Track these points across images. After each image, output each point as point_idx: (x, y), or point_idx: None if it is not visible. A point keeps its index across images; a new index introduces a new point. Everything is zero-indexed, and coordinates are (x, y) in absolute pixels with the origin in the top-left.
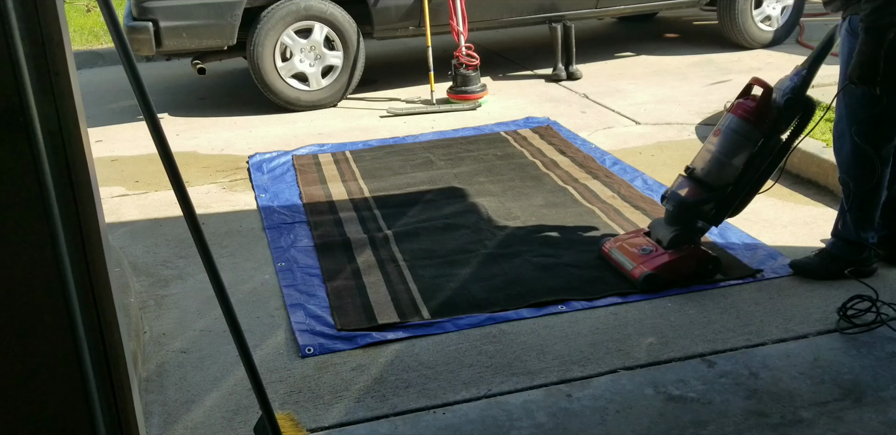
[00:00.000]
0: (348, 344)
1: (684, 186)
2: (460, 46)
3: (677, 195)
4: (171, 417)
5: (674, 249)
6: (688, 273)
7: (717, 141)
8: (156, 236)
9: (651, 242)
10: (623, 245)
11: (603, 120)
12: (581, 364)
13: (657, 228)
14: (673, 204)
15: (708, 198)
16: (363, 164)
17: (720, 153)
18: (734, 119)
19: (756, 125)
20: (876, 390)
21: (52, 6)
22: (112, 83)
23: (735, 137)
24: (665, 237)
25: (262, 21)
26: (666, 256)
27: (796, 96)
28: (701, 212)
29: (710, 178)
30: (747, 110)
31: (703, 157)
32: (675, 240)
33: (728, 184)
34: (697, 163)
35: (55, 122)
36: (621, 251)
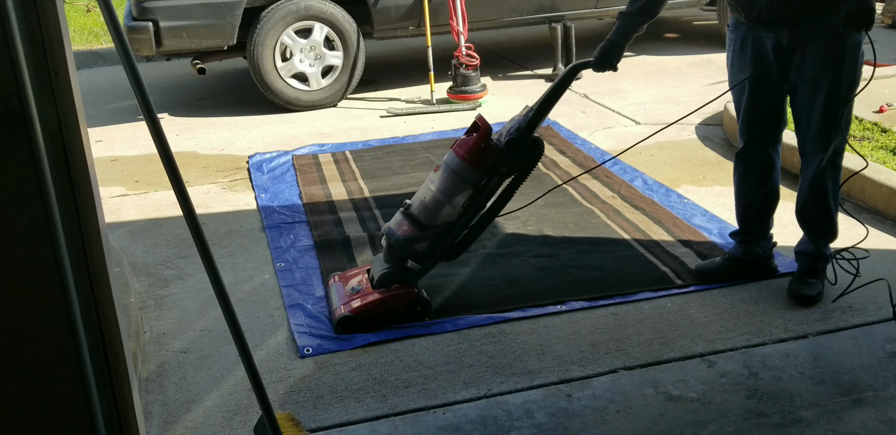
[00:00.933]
0: (347, 344)
1: (401, 223)
2: (460, 46)
3: (392, 231)
4: (171, 417)
5: (382, 288)
6: (393, 313)
7: (437, 178)
8: (156, 236)
9: (366, 279)
10: (344, 280)
11: (603, 120)
12: (581, 364)
13: (375, 265)
14: (387, 241)
15: (421, 237)
16: (363, 164)
17: (439, 192)
18: (454, 158)
19: (474, 166)
20: (876, 390)
21: (52, 6)
22: (112, 83)
23: (453, 177)
24: (375, 274)
25: (262, 21)
26: (370, 296)
27: (520, 138)
28: (413, 251)
29: (423, 216)
30: (466, 149)
31: (422, 194)
32: (384, 279)
33: (445, 223)
34: (416, 198)
35: (55, 122)
36: (339, 287)
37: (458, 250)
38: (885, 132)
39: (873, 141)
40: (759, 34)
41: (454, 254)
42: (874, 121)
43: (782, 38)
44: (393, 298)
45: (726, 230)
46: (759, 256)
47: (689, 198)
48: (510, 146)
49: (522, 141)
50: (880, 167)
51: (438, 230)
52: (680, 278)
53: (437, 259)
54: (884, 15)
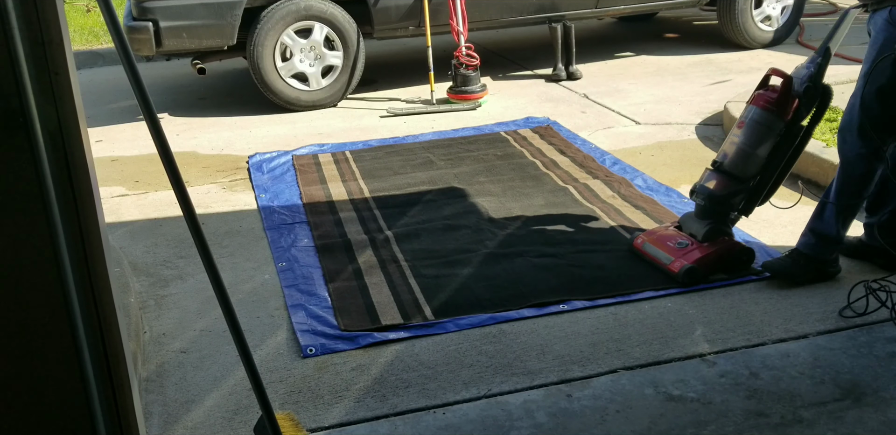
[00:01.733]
0: (350, 344)
1: (712, 179)
2: (460, 46)
3: (706, 189)
4: (171, 417)
5: (709, 242)
6: (725, 265)
7: (742, 132)
8: (156, 236)
9: (685, 235)
10: (657, 239)
11: (603, 120)
12: (581, 364)
13: (689, 223)
14: (703, 197)
15: (737, 189)
16: (363, 164)
17: (745, 144)
18: (756, 110)
19: (779, 114)
20: (876, 390)
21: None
22: (112, 83)
23: (759, 128)
24: (699, 231)
25: (262, 21)
26: (703, 249)
27: (814, 84)
28: (731, 204)
29: (737, 169)
30: (769, 101)
31: (729, 150)
32: (710, 233)
33: (755, 174)
34: (722, 156)
35: (55, 122)
36: (656, 245)
37: (768, 196)
38: None
39: None
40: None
41: (765, 199)
42: None
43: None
44: (726, 250)
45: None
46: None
47: (689, 198)
48: (809, 93)
49: (816, 87)
50: None
51: (756, 181)
52: None
53: (755, 207)
54: None
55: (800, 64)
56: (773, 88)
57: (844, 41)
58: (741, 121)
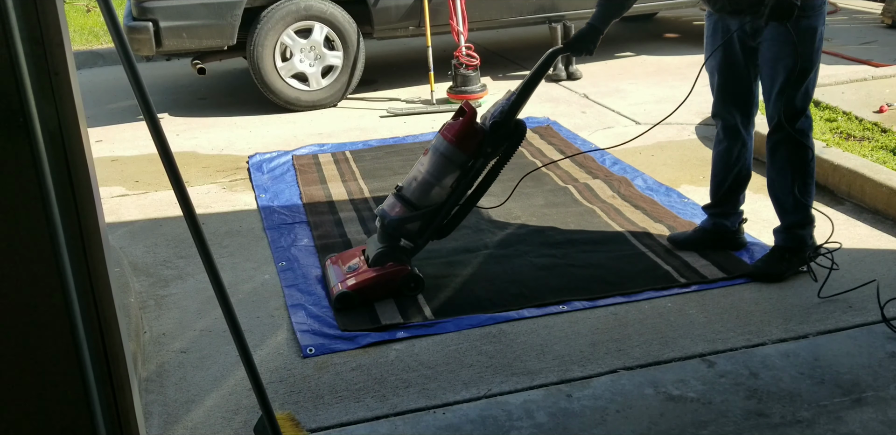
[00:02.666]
0: (349, 344)
1: (394, 205)
2: (460, 46)
3: (385, 213)
4: (171, 417)
5: (377, 266)
6: (388, 289)
7: (426, 161)
8: (156, 236)
9: (362, 259)
10: (340, 260)
11: (603, 120)
12: (581, 364)
13: (369, 245)
14: (380, 221)
15: (413, 217)
16: (363, 165)
17: (428, 174)
18: (441, 141)
19: (461, 148)
20: (876, 390)
21: (52, 6)
22: (112, 83)
23: (441, 159)
24: (371, 254)
25: (262, 21)
26: (366, 273)
27: (504, 120)
28: (406, 230)
29: (415, 197)
30: (453, 132)
31: (413, 177)
32: (378, 257)
33: (435, 204)
34: (407, 181)
35: (55, 122)
36: (336, 266)
37: (447, 229)
38: (885, 132)
39: (873, 141)
40: (726, 22)
41: (444, 232)
42: (874, 121)
43: (745, 24)
44: (388, 275)
45: None
46: (727, 229)
47: (689, 198)
48: (495, 128)
49: (506, 123)
50: (880, 167)
51: (429, 210)
52: (683, 277)
53: (429, 237)
54: (884, 15)
55: (499, 99)
56: (462, 121)
57: (844, 41)
58: (426, 149)
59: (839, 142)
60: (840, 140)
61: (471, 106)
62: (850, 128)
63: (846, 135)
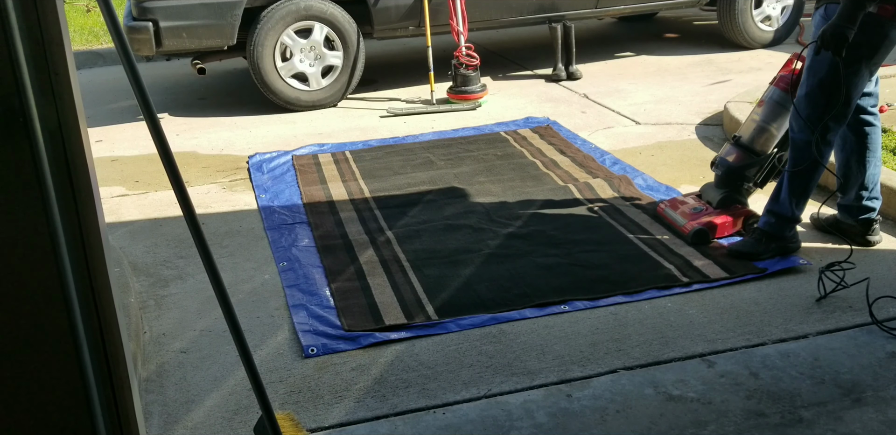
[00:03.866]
0: (351, 344)
1: (731, 153)
2: (460, 46)
3: (725, 161)
4: (171, 418)
5: (722, 208)
6: (735, 230)
7: (762, 111)
8: (156, 236)
9: (702, 202)
10: (676, 205)
11: (603, 120)
12: (581, 364)
13: (708, 191)
14: (721, 169)
15: (753, 162)
16: (363, 165)
17: (764, 121)
18: (776, 91)
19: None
20: (876, 390)
21: (52, 6)
22: (112, 83)
23: (777, 108)
24: (714, 198)
25: (262, 21)
26: (715, 214)
27: None
28: (746, 175)
29: (755, 144)
30: (788, 82)
31: (749, 126)
32: (724, 201)
33: (771, 149)
34: (743, 131)
35: (55, 122)
36: (674, 210)
37: (780, 171)
38: (885, 132)
39: None
40: None
41: (778, 175)
42: None
43: None
44: (736, 215)
45: None
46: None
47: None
48: None
49: None
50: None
51: (767, 155)
52: (685, 276)
53: (768, 180)
54: None
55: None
56: (795, 71)
57: None
58: (762, 100)
59: None
60: None
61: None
62: None
63: None
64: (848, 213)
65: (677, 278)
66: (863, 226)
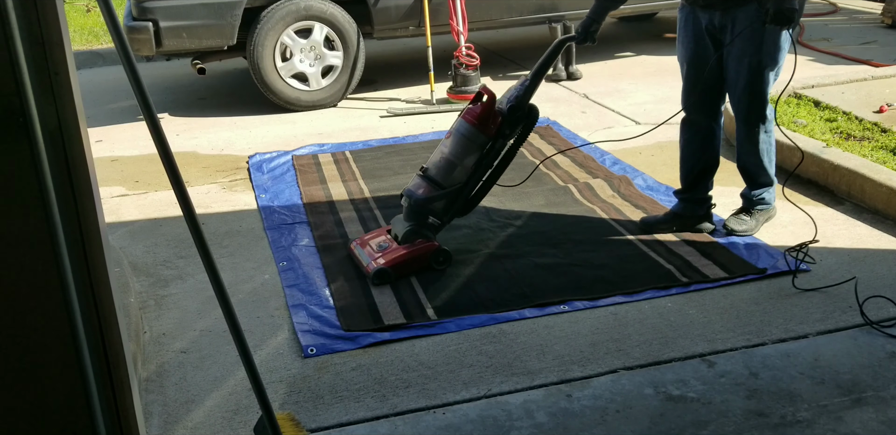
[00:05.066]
0: (351, 344)
1: (420, 185)
2: (460, 46)
3: (412, 193)
4: (171, 418)
5: (407, 243)
6: (420, 265)
7: (449, 143)
8: (156, 236)
9: (389, 238)
10: (365, 242)
11: (603, 120)
12: (581, 364)
13: (396, 225)
14: (408, 201)
15: (439, 195)
16: (363, 165)
17: (451, 155)
18: (463, 123)
19: (482, 130)
20: (876, 390)
21: (52, 6)
22: (112, 83)
23: (463, 141)
24: (400, 232)
25: (262, 21)
26: (399, 250)
27: (519, 104)
28: (432, 208)
29: (440, 177)
30: (474, 115)
31: (436, 158)
32: (408, 235)
33: (459, 183)
34: (430, 163)
35: (55, 122)
36: (363, 248)
37: (470, 206)
38: (885, 132)
39: (873, 141)
40: (698, 15)
41: (467, 209)
42: (874, 121)
43: (715, 19)
44: (419, 251)
45: None
46: (696, 213)
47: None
48: (512, 112)
49: (521, 107)
50: (880, 167)
51: (454, 188)
52: (685, 276)
53: (454, 214)
54: (883, 15)
55: (513, 84)
56: (479, 105)
57: (844, 41)
58: (448, 132)
59: (839, 142)
60: (840, 140)
61: (490, 91)
62: (850, 128)
63: (846, 135)
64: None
65: (677, 278)
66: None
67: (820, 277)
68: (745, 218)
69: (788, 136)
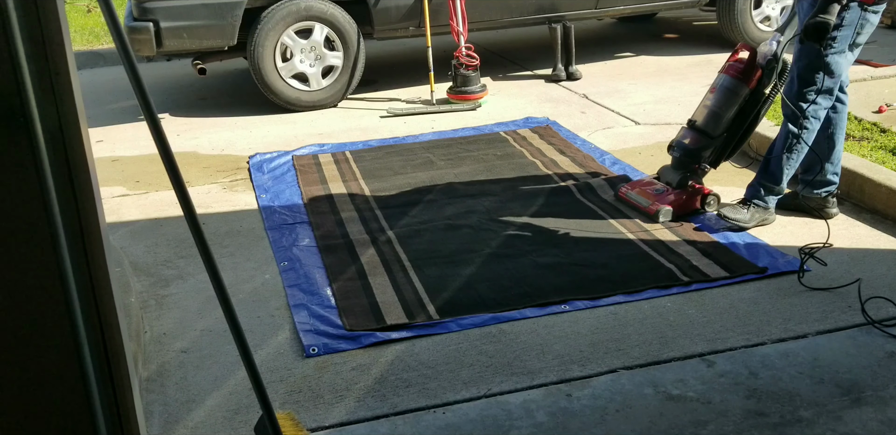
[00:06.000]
0: (352, 344)
1: (687, 136)
2: (460, 47)
3: (682, 144)
4: (171, 417)
5: (681, 188)
6: (694, 207)
7: (713, 97)
8: (156, 236)
9: (662, 184)
10: (640, 188)
11: (602, 120)
12: (581, 364)
13: (666, 173)
14: (679, 151)
15: (707, 144)
16: (363, 165)
17: (716, 107)
18: (727, 78)
19: (744, 82)
20: (875, 390)
21: (53, 6)
22: (113, 83)
23: (727, 93)
24: (674, 180)
25: (262, 21)
26: (676, 194)
27: (776, 58)
28: (702, 157)
29: (708, 127)
30: (738, 70)
31: (702, 112)
32: (683, 180)
33: (722, 132)
34: (697, 116)
35: (56, 123)
36: (637, 193)
37: (733, 152)
38: (885, 132)
39: (872, 141)
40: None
41: (731, 155)
42: (873, 121)
43: None
44: (696, 193)
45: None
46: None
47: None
48: (770, 65)
49: (777, 60)
50: (879, 167)
51: (722, 137)
52: (686, 276)
53: (721, 160)
54: (883, 15)
55: (764, 41)
56: (741, 60)
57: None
58: (713, 87)
59: None
60: None
61: (750, 46)
62: (850, 128)
63: (845, 135)
64: (812, 186)
65: (677, 278)
66: (823, 199)
67: (820, 277)
68: (741, 208)
69: None
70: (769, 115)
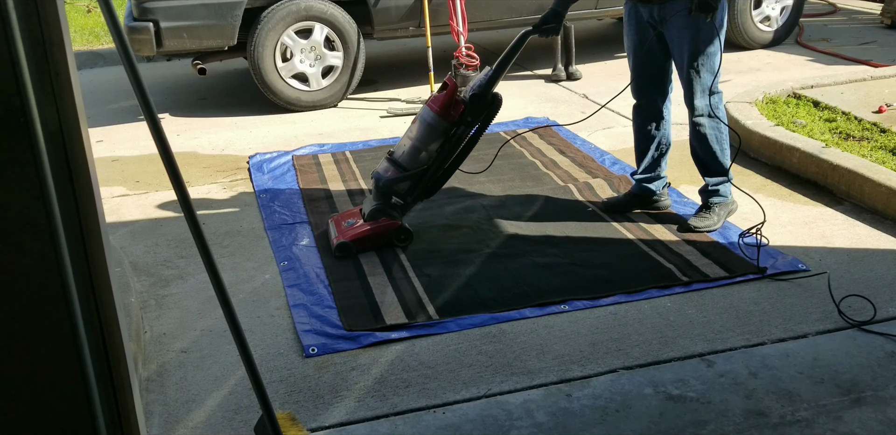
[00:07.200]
0: (352, 344)
1: (387, 167)
2: (460, 47)
3: (380, 174)
4: (171, 417)
5: (372, 221)
6: (382, 241)
7: (414, 129)
8: (156, 236)
9: (359, 216)
10: (338, 219)
11: (602, 120)
12: (581, 364)
13: (365, 204)
14: (375, 183)
15: (403, 177)
16: (363, 165)
17: (416, 140)
18: (427, 111)
19: (444, 117)
20: (875, 390)
21: (53, 6)
22: (113, 83)
23: (427, 127)
24: (366, 211)
25: (262, 21)
26: (363, 227)
27: (481, 93)
28: (397, 190)
29: (405, 161)
30: (437, 103)
31: (404, 144)
32: (373, 213)
33: (423, 166)
34: (398, 148)
35: (55, 123)
36: (334, 224)
37: (433, 189)
38: (885, 132)
39: (872, 141)
40: (639, 9)
41: (430, 192)
42: (873, 121)
43: (654, 12)
44: (381, 228)
45: (727, 229)
46: (652, 192)
47: (689, 197)
48: (473, 100)
49: (484, 96)
50: (879, 167)
51: (417, 171)
52: (685, 276)
53: (417, 196)
54: (883, 15)
55: (478, 75)
56: (446, 94)
57: (843, 41)
58: (415, 118)
59: (838, 142)
60: (839, 140)
61: (453, 81)
62: (850, 128)
63: (845, 135)
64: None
65: (677, 278)
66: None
67: (820, 277)
68: (706, 215)
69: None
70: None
